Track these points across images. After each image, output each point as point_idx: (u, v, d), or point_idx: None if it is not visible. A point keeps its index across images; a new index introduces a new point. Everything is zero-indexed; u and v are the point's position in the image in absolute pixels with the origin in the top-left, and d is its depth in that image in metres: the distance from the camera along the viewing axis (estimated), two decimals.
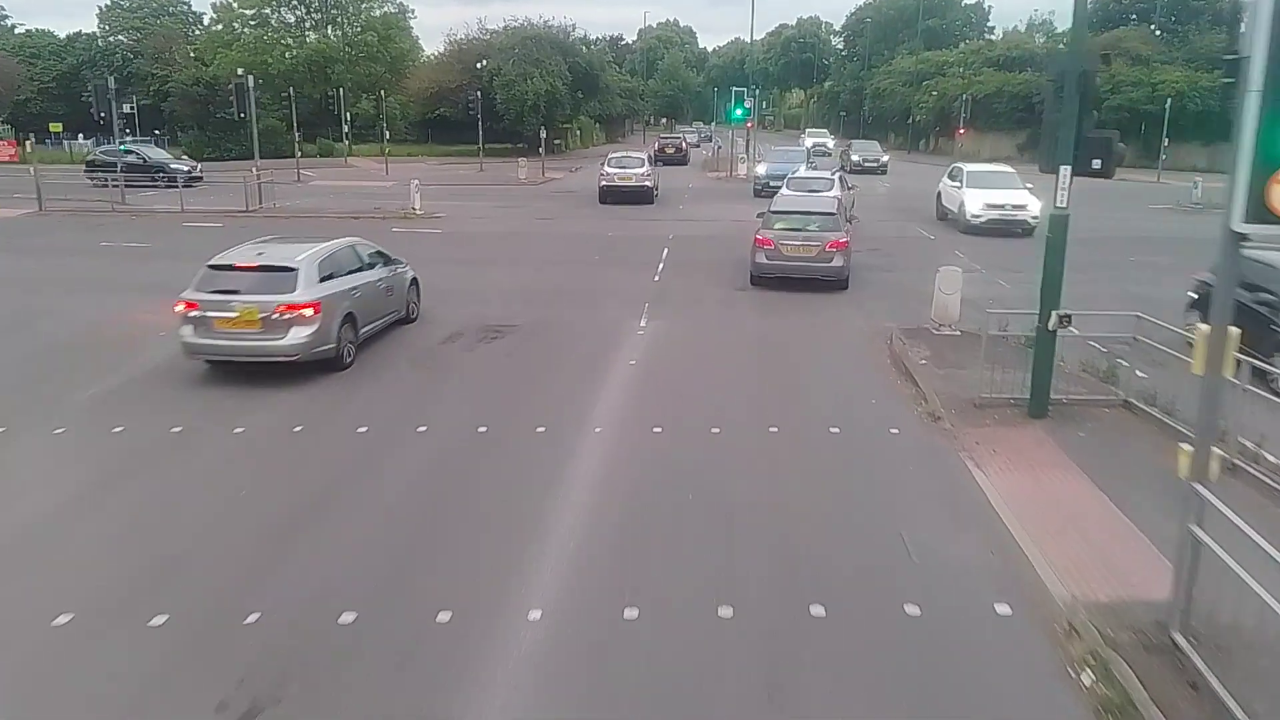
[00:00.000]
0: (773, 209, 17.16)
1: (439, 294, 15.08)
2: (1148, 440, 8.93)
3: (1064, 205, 9.00)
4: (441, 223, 25.58)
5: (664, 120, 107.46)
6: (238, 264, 10.95)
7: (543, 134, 44.55)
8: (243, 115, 26.91)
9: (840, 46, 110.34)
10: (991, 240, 22.43)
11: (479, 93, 47.40)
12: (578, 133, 71.87)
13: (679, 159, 50.46)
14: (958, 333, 12.74)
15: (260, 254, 11.17)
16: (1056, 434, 9.08)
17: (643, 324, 13.92)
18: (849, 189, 24.85)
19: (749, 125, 47.28)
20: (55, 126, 58.92)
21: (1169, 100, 46.35)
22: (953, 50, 78.11)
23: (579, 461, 8.41)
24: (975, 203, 23.57)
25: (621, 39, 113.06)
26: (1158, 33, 63.34)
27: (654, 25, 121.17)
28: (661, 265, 18.79)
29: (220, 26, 64.51)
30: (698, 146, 65.14)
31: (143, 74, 65.20)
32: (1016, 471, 8.15)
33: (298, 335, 10.46)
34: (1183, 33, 65.36)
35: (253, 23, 63.09)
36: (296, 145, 42.87)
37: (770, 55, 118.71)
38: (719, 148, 50.73)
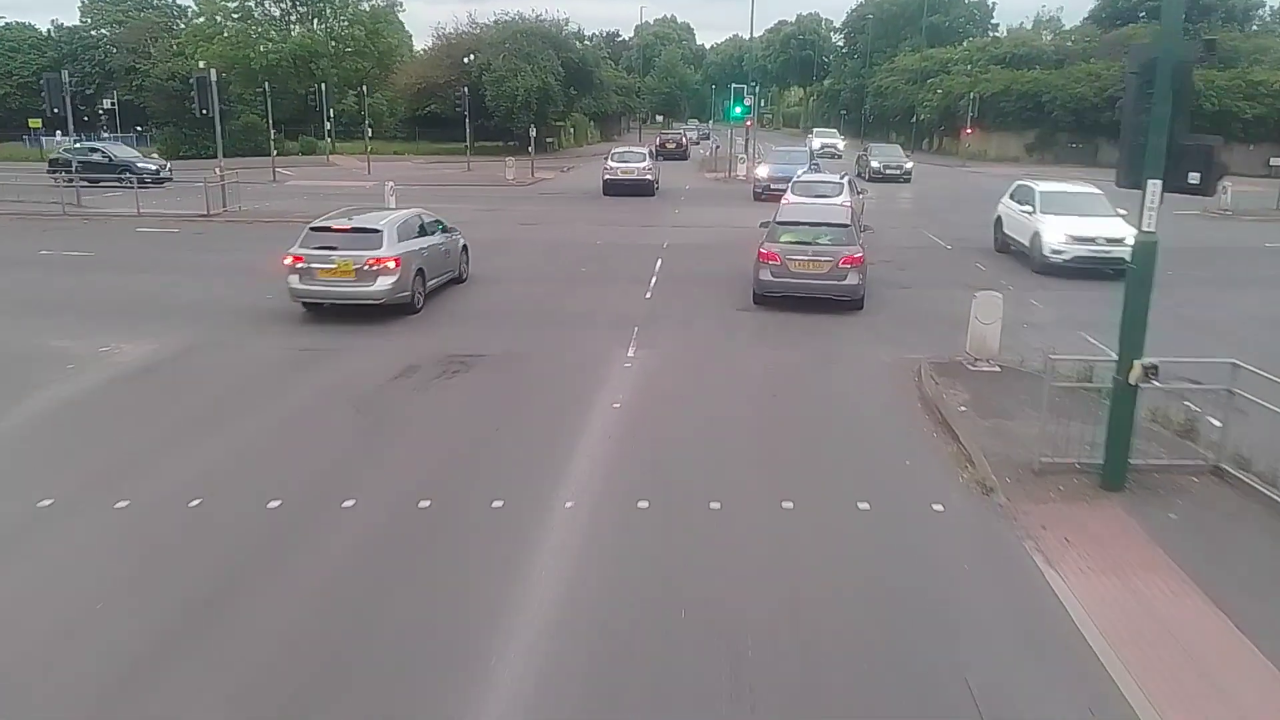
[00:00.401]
0: (778, 219, 15.26)
1: (399, 315, 13.41)
2: (1258, 525, 7.11)
3: (1151, 229, 7.21)
4: None
5: (660, 118, 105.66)
6: (334, 226, 13.48)
7: (533, 132, 42.59)
8: (205, 111, 24.97)
9: (840, 44, 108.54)
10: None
11: (466, 89, 45.46)
12: (571, 131, 70.02)
13: (679, 154, 53.25)
14: (998, 369, 10.94)
15: (350, 219, 13.82)
16: (1140, 514, 7.27)
17: (630, 353, 12.12)
18: (858, 193, 23.00)
19: (748, 123, 45.38)
20: (34, 123, 56.93)
21: None
22: (957, 48, 76.34)
23: (541, 556, 6.57)
24: (1055, 234, 17.70)
25: (618, 35, 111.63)
26: None
27: (651, 21, 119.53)
28: (654, 280, 16.97)
29: (203, 20, 62.57)
30: (697, 144, 63.91)
31: (124, 68, 63.31)
32: (1101, 575, 6.33)
33: (384, 283, 12.90)
34: (1194, 31, 63.68)
35: (235, 15, 61.14)
36: (273, 143, 40.94)
37: (769, 52, 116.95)
38: (717, 147, 48.91)
